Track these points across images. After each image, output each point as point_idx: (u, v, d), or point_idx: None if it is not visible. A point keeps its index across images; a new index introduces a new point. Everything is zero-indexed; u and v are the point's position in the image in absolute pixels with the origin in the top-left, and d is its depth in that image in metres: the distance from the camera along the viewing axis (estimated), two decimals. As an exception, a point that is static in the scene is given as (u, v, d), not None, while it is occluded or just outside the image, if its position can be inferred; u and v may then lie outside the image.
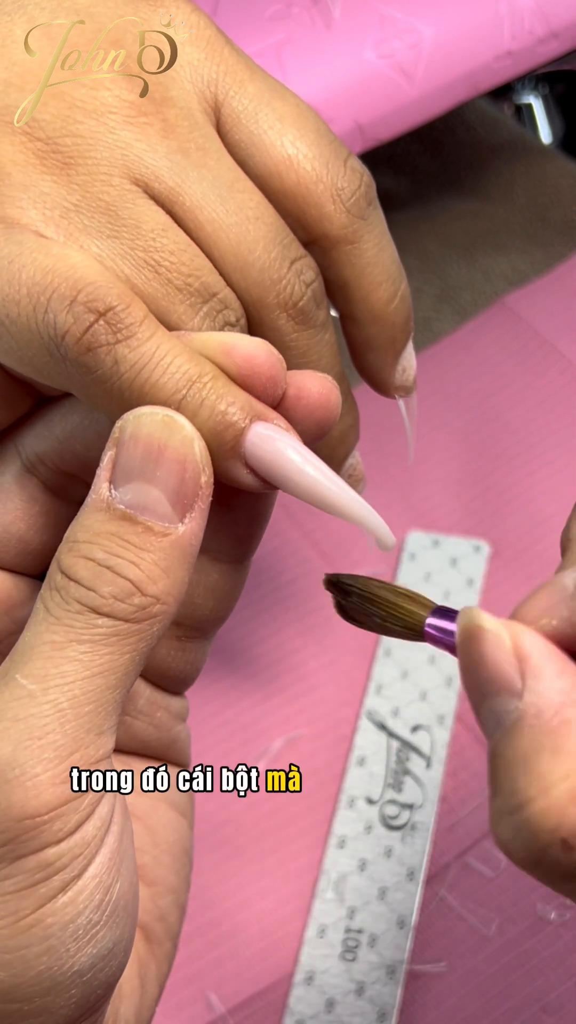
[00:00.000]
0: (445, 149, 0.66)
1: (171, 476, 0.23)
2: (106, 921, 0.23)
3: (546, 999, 0.39)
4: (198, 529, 0.24)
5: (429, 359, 0.55)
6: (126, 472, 0.23)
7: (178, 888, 0.28)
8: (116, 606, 0.23)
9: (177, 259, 0.27)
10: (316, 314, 0.29)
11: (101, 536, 0.23)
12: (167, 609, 0.24)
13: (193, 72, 0.29)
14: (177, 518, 0.24)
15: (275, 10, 0.46)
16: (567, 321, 0.56)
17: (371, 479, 0.51)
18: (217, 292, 0.27)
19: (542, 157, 0.64)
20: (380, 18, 0.46)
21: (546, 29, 0.48)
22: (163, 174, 0.27)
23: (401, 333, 0.31)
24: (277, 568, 0.49)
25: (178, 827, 0.29)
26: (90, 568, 0.23)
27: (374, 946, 0.40)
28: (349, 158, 0.29)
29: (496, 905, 0.41)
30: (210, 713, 0.46)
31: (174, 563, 0.23)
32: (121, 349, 0.24)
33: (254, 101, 0.29)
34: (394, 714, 0.45)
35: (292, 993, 0.39)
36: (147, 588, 0.23)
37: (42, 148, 0.27)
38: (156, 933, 0.28)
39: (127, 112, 0.27)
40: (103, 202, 0.27)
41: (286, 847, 0.43)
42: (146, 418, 0.24)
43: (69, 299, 0.24)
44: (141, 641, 0.23)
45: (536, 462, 0.51)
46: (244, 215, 0.28)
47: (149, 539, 0.23)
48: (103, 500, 0.23)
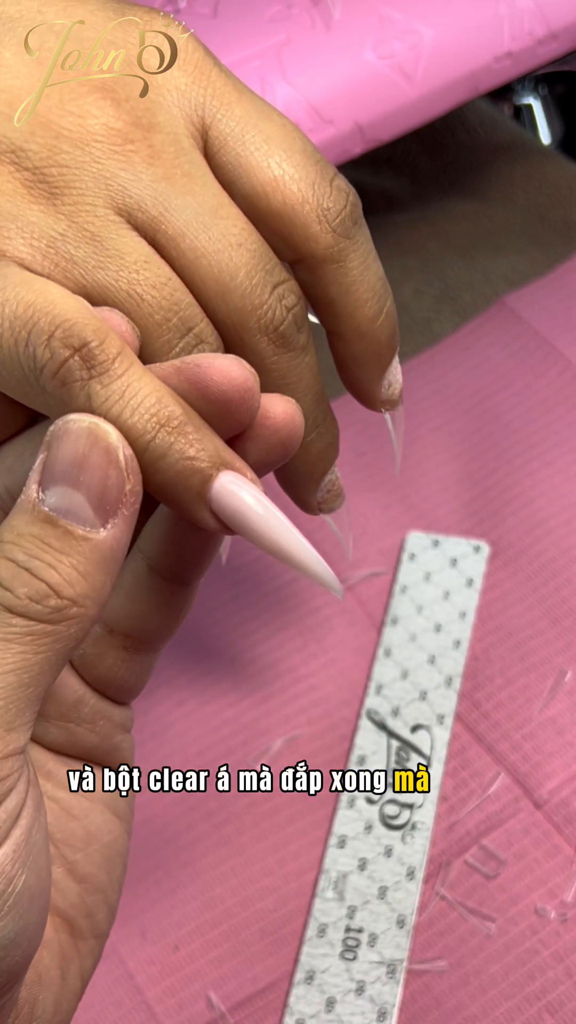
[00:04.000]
0: (445, 150, 0.66)
1: (94, 482, 0.24)
2: (8, 911, 0.23)
3: (547, 999, 0.39)
4: (121, 535, 0.24)
5: (429, 359, 0.55)
6: (52, 475, 0.24)
7: (107, 888, 0.29)
8: (31, 607, 0.23)
9: (159, 293, 0.27)
10: (297, 337, 0.29)
11: (24, 537, 0.24)
12: (85, 612, 0.24)
13: (180, 96, 0.29)
14: (100, 523, 0.24)
15: (275, 11, 0.46)
16: (567, 321, 0.56)
17: (371, 479, 0.51)
18: (194, 326, 0.28)
19: (542, 158, 0.64)
20: (380, 19, 0.46)
21: (546, 30, 0.48)
22: (146, 203, 0.28)
23: (387, 349, 0.32)
24: (277, 568, 0.49)
25: (113, 828, 0.29)
26: (9, 568, 0.23)
27: (374, 945, 0.40)
28: (335, 178, 0.30)
29: (496, 905, 0.41)
30: (210, 713, 0.46)
31: (93, 568, 0.24)
32: (94, 385, 0.24)
33: (241, 123, 0.29)
34: (394, 714, 0.45)
35: (292, 992, 0.40)
36: (64, 591, 0.24)
37: (29, 178, 0.27)
38: (81, 928, 0.28)
39: (113, 140, 0.28)
40: (89, 232, 0.27)
41: (286, 847, 0.43)
42: (73, 424, 0.24)
43: (47, 334, 0.25)
44: (57, 642, 0.24)
45: (536, 462, 0.51)
46: (227, 242, 0.28)
47: (69, 543, 0.24)
48: (30, 501, 0.24)
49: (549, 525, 0.49)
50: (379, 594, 0.48)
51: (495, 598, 0.48)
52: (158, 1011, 0.40)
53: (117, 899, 0.29)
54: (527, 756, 0.44)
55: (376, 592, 0.48)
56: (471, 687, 0.45)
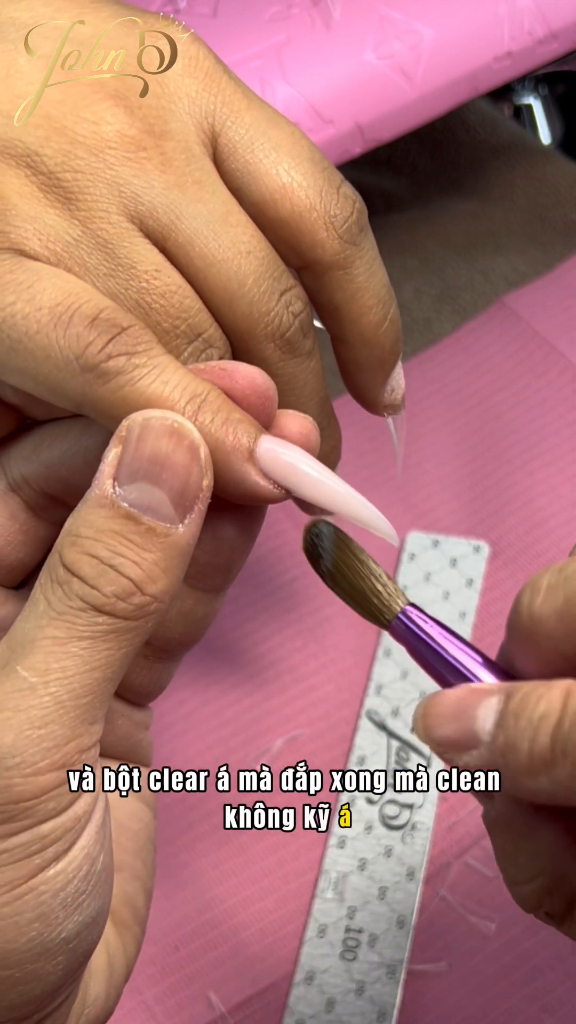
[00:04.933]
0: (445, 150, 0.66)
1: (176, 479, 0.24)
2: (91, 890, 0.24)
3: (546, 999, 0.39)
4: (196, 530, 0.25)
5: (429, 359, 0.55)
6: (132, 472, 0.24)
7: (144, 875, 0.30)
8: (117, 605, 0.24)
9: (167, 301, 0.28)
10: (303, 343, 0.30)
11: (104, 534, 0.24)
12: (162, 607, 0.25)
13: (191, 104, 0.29)
14: (178, 519, 0.25)
15: (275, 11, 0.46)
16: (567, 321, 0.56)
17: (371, 480, 0.51)
18: (203, 332, 0.29)
19: (542, 158, 0.64)
20: (380, 19, 0.46)
21: (546, 30, 0.48)
22: (158, 211, 0.28)
23: (390, 355, 0.32)
24: (277, 568, 0.49)
25: (142, 816, 0.30)
26: (93, 565, 0.24)
27: (374, 946, 0.40)
28: (342, 185, 0.30)
29: (496, 905, 0.41)
30: (210, 713, 0.46)
31: (173, 563, 0.25)
32: (140, 358, 0.25)
33: (250, 130, 0.30)
34: (394, 714, 0.45)
35: (292, 993, 0.40)
36: (147, 588, 0.24)
37: (45, 182, 0.28)
38: (124, 917, 0.29)
39: (127, 147, 0.28)
40: (101, 239, 0.28)
41: (286, 847, 0.43)
42: (156, 421, 0.25)
43: (92, 316, 0.25)
44: (136, 637, 0.24)
45: (536, 462, 0.51)
46: (236, 250, 0.29)
47: (151, 539, 0.24)
48: (107, 496, 0.24)
49: (549, 525, 0.49)
50: (379, 594, 0.48)
51: (495, 598, 0.48)
52: (158, 1011, 0.40)
53: (152, 884, 0.30)
54: (527, 756, 0.44)
55: (376, 592, 0.48)
56: (471, 687, 0.45)
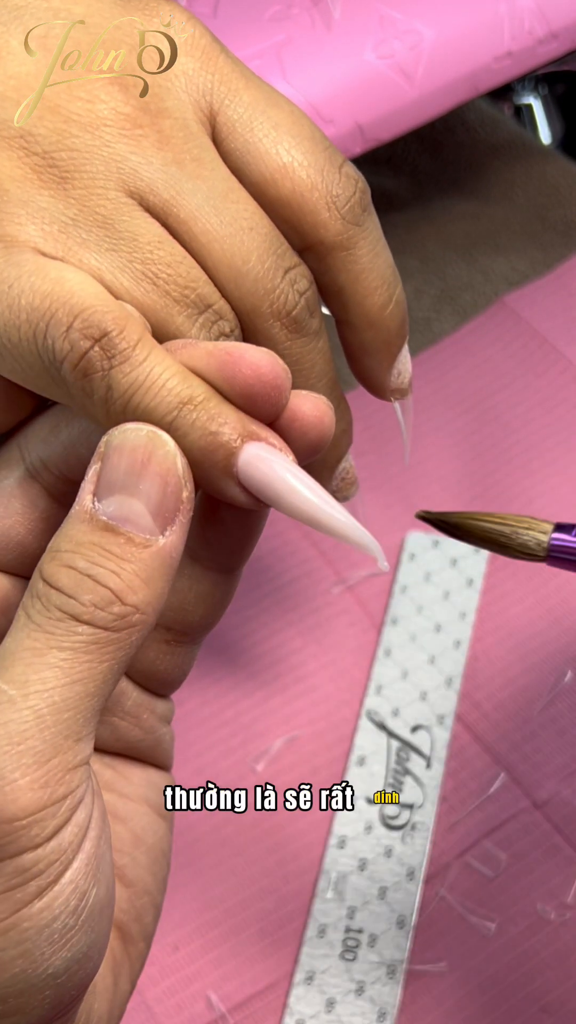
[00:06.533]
0: (445, 150, 0.66)
1: (153, 489, 0.24)
2: (81, 926, 0.23)
3: (546, 999, 0.39)
4: (179, 541, 0.25)
5: (429, 359, 0.55)
6: (109, 484, 0.24)
7: (155, 890, 0.29)
8: (96, 614, 0.23)
9: (174, 271, 0.27)
10: (309, 322, 0.29)
11: (83, 546, 0.24)
12: (146, 619, 0.24)
13: (188, 82, 0.29)
14: (158, 530, 0.24)
15: (275, 11, 0.46)
16: (567, 321, 0.56)
17: (371, 479, 0.51)
18: (213, 303, 0.28)
19: (542, 158, 0.64)
20: (380, 19, 0.46)
21: (546, 30, 0.48)
22: (158, 186, 0.27)
23: (396, 337, 0.32)
24: (277, 568, 0.49)
25: (157, 829, 0.29)
26: (72, 576, 0.23)
27: (374, 946, 0.40)
28: (344, 165, 0.30)
29: (496, 905, 0.41)
30: (210, 713, 0.46)
31: (154, 574, 0.24)
32: (115, 375, 0.24)
33: (249, 109, 0.29)
34: (394, 714, 0.45)
35: (292, 993, 0.40)
36: (127, 597, 0.24)
37: (39, 163, 0.27)
38: (131, 933, 0.28)
39: (122, 124, 0.28)
40: (100, 216, 0.27)
41: (286, 847, 0.43)
42: (130, 433, 0.24)
43: (66, 325, 0.25)
44: (120, 650, 0.24)
45: (536, 462, 0.51)
46: (238, 226, 0.28)
47: (130, 550, 0.24)
48: (86, 511, 0.24)
49: (549, 525, 0.49)
50: (379, 594, 0.48)
51: (495, 598, 0.48)
52: (158, 1011, 0.40)
53: (162, 899, 0.29)
54: (527, 756, 0.44)
55: (376, 592, 0.48)
56: (471, 687, 0.45)
